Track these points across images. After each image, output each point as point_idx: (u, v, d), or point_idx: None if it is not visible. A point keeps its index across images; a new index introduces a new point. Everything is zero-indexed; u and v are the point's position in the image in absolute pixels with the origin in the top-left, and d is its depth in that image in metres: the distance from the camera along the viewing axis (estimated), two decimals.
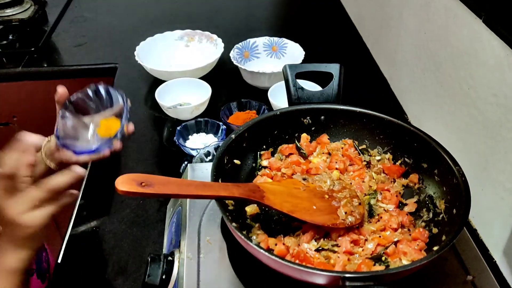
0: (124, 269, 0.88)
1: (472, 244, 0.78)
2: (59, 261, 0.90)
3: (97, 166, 1.12)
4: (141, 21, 1.73)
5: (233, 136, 0.77)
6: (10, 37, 1.57)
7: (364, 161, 0.83)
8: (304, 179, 0.69)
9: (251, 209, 0.75)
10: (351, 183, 0.77)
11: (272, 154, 0.84)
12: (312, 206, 0.66)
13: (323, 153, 0.84)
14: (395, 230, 0.71)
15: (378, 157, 0.83)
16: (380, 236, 0.70)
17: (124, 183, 0.58)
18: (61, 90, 0.73)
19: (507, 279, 0.79)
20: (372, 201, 0.76)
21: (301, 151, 0.84)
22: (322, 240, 0.70)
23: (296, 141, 0.85)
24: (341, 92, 0.86)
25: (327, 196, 0.67)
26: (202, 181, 0.65)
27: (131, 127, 0.74)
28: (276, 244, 0.69)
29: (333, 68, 0.86)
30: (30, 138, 0.69)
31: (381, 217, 0.73)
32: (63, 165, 0.72)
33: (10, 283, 0.67)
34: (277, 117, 0.83)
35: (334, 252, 0.68)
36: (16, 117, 1.54)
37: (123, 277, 0.87)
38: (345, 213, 0.69)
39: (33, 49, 1.54)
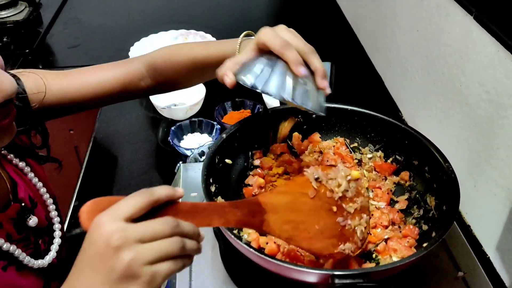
0: None
1: (463, 240, 0.78)
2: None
3: (92, 166, 1.12)
4: (135, 22, 1.73)
5: (224, 135, 0.77)
6: (5, 39, 1.57)
7: (356, 159, 0.83)
8: (316, 179, 0.61)
9: None
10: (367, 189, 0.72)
11: (264, 153, 0.84)
12: (315, 225, 0.61)
13: (314, 151, 0.84)
14: (386, 227, 0.72)
15: (369, 155, 0.83)
16: (370, 234, 0.70)
17: (90, 213, 0.45)
18: None
19: (501, 275, 0.79)
20: None
21: (293, 149, 0.84)
22: None
23: (288, 140, 0.85)
24: (332, 90, 0.85)
25: (335, 209, 0.61)
26: (193, 203, 0.51)
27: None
28: (267, 243, 0.69)
29: (324, 67, 0.86)
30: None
31: (372, 215, 0.74)
32: None
33: None
34: (268, 116, 0.83)
35: None
36: None
37: None
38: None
39: (27, 50, 1.54)
